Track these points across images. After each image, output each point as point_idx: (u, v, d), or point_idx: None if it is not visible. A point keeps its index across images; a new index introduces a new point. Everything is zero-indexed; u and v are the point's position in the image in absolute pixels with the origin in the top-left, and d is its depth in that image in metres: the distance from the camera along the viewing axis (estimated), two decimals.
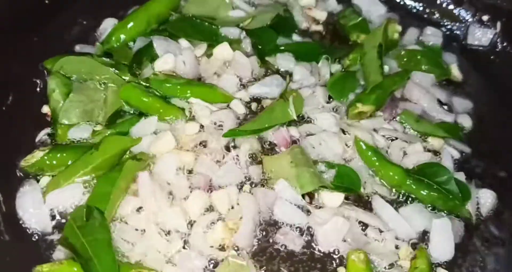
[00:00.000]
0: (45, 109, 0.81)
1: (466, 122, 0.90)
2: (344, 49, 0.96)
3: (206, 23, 0.93)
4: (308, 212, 0.73)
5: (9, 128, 0.78)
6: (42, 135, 0.78)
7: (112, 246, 0.64)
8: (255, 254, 0.70)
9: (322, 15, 1.03)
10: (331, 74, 0.91)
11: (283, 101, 0.81)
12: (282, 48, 0.93)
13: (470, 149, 0.85)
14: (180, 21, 0.93)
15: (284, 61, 0.91)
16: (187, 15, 0.94)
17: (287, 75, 0.89)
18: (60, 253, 0.68)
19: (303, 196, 0.74)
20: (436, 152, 0.83)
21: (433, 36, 1.00)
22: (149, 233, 0.68)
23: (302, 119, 0.84)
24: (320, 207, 0.74)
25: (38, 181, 0.73)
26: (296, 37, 0.97)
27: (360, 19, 0.99)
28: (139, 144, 0.75)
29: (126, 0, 0.96)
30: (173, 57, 0.84)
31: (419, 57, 0.95)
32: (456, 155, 0.84)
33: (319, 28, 1.01)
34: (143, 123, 0.78)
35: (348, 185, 0.76)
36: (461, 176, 0.80)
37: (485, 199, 0.79)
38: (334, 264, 0.70)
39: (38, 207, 0.70)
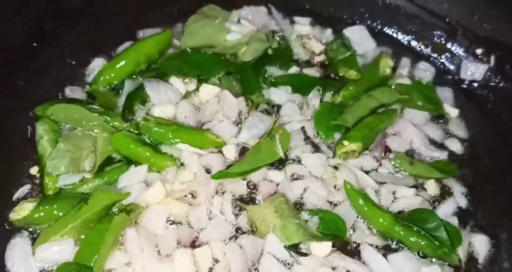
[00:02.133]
0: (34, 170, 0.80)
1: (457, 148, 0.89)
2: (338, 82, 0.96)
3: (202, 51, 0.93)
4: (296, 262, 0.73)
5: None
6: (21, 192, 0.77)
7: None
8: None
9: (318, 47, 1.02)
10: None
11: (269, 140, 0.82)
12: (273, 80, 0.93)
13: (469, 183, 0.85)
14: (170, 59, 0.93)
15: (276, 95, 0.91)
16: (185, 47, 0.94)
17: (273, 111, 0.89)
18: None
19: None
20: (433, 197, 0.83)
21: (425, 71, 0.99)
22: None
23: (287, 159, 0.83)
24: (307, 255, 0.74)
25: (29, 232, 0.73)
26: (295, 69, 0.97)
27: (348, 54, 0.98)
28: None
29: (116, 38, 0.95)
30: (173, 108, 0.84)
31: (412, 92, 0.94)
32: (463, 201, 0.83)
33: (321, 58, 1.01)
34: (132, 171, 0.78)
35: (334, 231, 0.76)
36: (453, 220, 0.80)
37: (479, 245, 0.79)
38: None
39: (27, 260, 0.70)
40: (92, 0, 0.93)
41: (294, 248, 0.74)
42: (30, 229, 0.74)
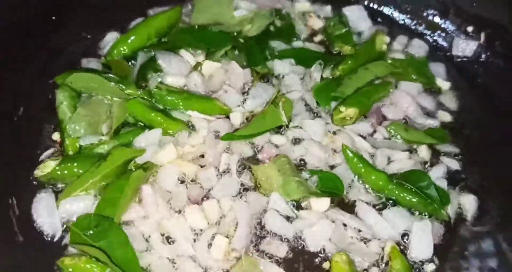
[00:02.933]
0: (55, 136, 0.86)
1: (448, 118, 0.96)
2: (338, 57, 1.01)
3: (209, 28, 0.99)
4: (297, 216, 0.80)
5: (21, 137, 0.85)
6: (46, 155, 0.83)
7: (130, 243, 0.71)
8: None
9: (318, 24, 1.08)
10: (322, 79, 0.96)
11: (273, 107, 0.88)
12: (276, 53, 0.99)
13: (459, 149, 0.91)
14: (179, 33, 1.00)
15: (280, 66, 0.97)
16: (195, 24, 1.00)
17: (277, 81, 0.95)
18: (73, 250, 0.74)
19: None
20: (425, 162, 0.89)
21: (418, 47, 1.06)
22: (154, 241, 0.74)
23: (289, 125, 0.89)
24: (307, 209, 0.80)
25: (53, 188, 0.80)
26: (298, 43, 1.03)
27: (344, 30, 1.04)
28: (143, 154, 0.81)
29: (128, 14, 1.01)
30: (183, 78, 0.91)
31: (406, 66, 1.00)
32: (455, 165, 0.89)
33: (321, 35, 1.06)
34: (147, 134, 0.84)
35: (332, 189, 0.82)
36: (443, 182, 0.86)
37: (468, 204, 0.85)
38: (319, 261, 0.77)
39: (52, 213, 0.77)
40: None
41: (295, 204, 0.81)
42: (55, 185, 0.80)
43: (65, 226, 0.76)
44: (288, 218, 0.80)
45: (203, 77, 0.94)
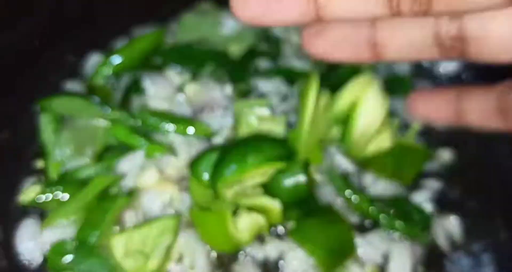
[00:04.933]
0: (39, 161, 0.87)
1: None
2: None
3: (195, 48, 1.00)
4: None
5: (4, 162, 0.85)
6: (29, 184, 0.84)
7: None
8: None
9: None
10: None
11: None
12: (261, 71, 0.99)
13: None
14: (165, 52, 1.00)
15: (263, 85, 0.97)
16: (180, 43, 1.01)
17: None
18: None
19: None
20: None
21: (401, 65, 1.06)
22: None
23: None
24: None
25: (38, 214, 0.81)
26: (285, 60, 1.03)
27: None
28: (125, 178, 0.82)
29: (112, 33, 1.02)
30: (167, 99, 0.92)
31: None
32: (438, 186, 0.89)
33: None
34: (129, 157, 0.85)
35: None
36: (427, 206, 0.86)
37: (453, 227, 0.86)
38: None
39: (34, 240, 0.77)
40: (89, 1, 0.99)
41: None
42: (41, 210, 0.81)
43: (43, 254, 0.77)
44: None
45: (187, 98, 0.94)
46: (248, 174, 0.73)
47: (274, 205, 0.76)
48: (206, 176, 0.78)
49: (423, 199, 0.88)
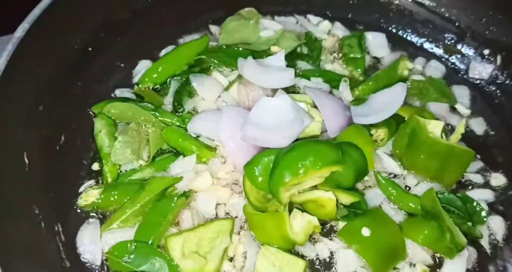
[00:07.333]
0: (95, 166, 0.88)
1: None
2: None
3: (237, 48, 1.02)
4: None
5: (64, 165, 0.87)
6: (84, 187, 0.85)
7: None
8: None
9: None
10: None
11: None
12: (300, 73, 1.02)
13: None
14: (210, 52, 1.02)
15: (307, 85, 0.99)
16: (222, 45, 1.04)
17: None
18: None
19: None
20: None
21: (435, 69, 1.09)
22: None
23: None
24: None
25: (98, 216, 0.83)
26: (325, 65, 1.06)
27: (360, 55, 1.06)
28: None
29: (160, 43, 1.05)
30: (215, 101, 0.95)
31: (427, 86, 1.03)
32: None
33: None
34: (182, 161, 0.87)
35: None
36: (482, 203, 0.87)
37: (496, 226, 0.87)
38: None
39: (94, 242, 0.79)
40: (137, 12, 1.03)
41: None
42: (101, 213, 0.83)
43: (104, 256, 0.78)
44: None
45: (233, 97, 0.96)
46: (308, 177, 0.75)
47: (330, 196, 0.77)
48: (261, 179, 0.79)
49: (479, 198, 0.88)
